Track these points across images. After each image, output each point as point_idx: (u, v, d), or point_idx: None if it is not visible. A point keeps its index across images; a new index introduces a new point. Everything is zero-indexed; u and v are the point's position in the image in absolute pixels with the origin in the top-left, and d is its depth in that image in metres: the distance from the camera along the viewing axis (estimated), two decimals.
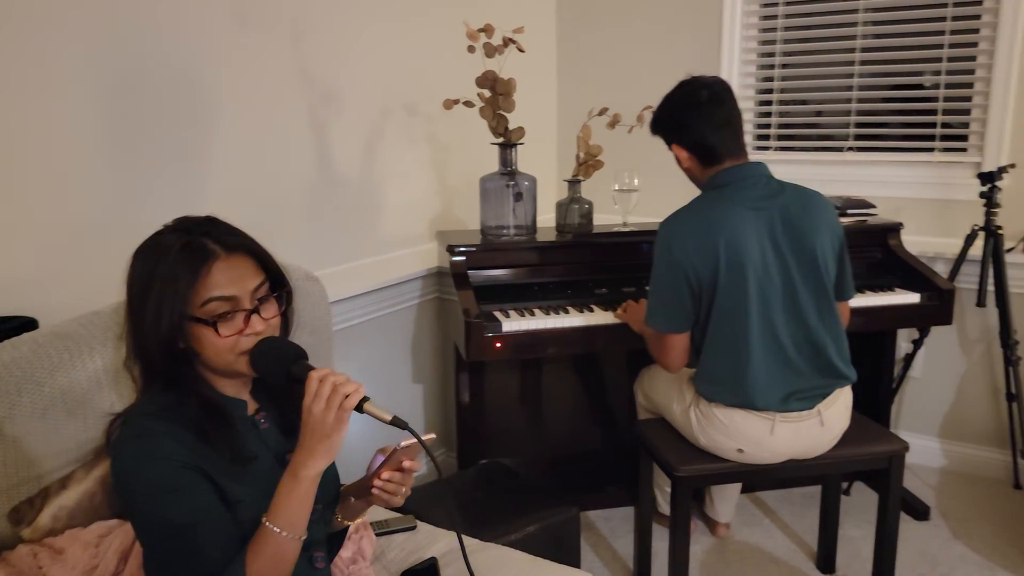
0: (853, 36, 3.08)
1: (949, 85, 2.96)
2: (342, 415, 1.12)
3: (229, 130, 2.12)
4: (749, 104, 3.32)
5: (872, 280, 2.62)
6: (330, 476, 1.33)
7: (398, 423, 1.15)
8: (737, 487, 2.60)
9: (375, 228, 2.69)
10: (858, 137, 3.16)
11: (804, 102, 3.32)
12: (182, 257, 1.14)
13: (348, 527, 1.45)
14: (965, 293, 2.82)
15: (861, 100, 3.13)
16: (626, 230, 2.64)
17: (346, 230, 2.57)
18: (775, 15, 3.20)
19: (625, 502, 2.81)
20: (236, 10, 2.10)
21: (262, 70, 2.21)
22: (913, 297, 2.53)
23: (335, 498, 1.38)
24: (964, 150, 2.96)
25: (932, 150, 3.01)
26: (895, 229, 2.72)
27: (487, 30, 2.40)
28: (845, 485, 2.86)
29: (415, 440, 1.19)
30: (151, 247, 1.17)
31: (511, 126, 2.50)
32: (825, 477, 2.37)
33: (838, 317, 2.01)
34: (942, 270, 2.80)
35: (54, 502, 1.38)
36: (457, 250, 2.44)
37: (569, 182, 2.65)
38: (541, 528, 2.02)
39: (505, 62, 2.43)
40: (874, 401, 2.77)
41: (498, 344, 2.28)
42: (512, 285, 2.50)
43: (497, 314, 2.36)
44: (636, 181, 2.64)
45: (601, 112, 2.60)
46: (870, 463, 2.11)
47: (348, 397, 1.12)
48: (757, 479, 2.75)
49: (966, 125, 2.96)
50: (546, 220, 2.76)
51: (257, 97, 2.20)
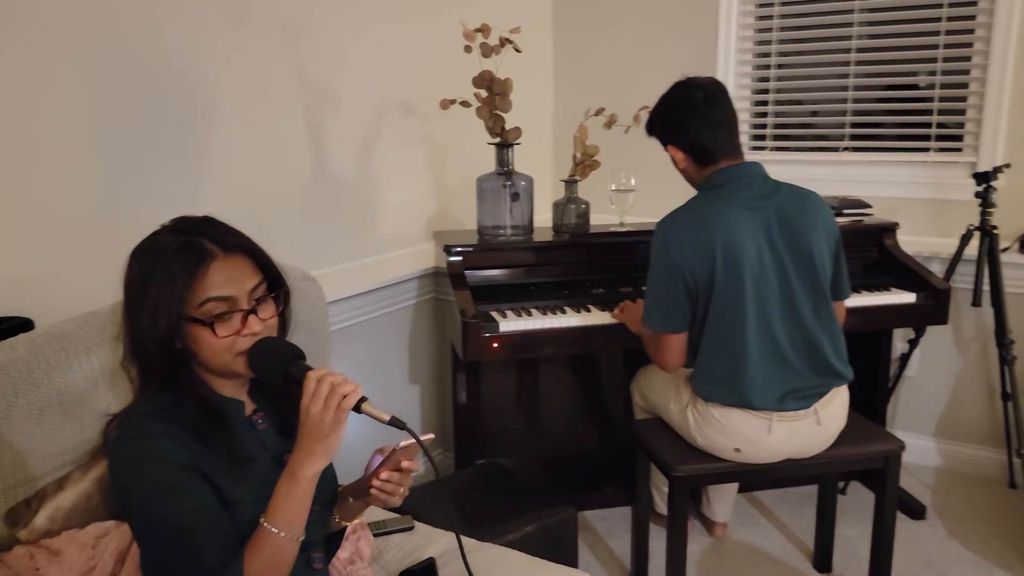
0: (849, 36, 3.09)
1: (944, 85, 2.97)
2: (340, 415, 1.12)
3: (226, 130, 2.12)
4: (745, 104, 3.32)
5: (868, 280, 2.62)
6: (328, 476, 1.33)
7: (396, 423, 1.14)
8: (734, 487, 2.60)
9: (372, 228, 2.69)
10: (854, 137, 3.17)
11: (800, 102, 3.33)
12: (179, 257, 1.14)
13: (346, 528, 1.45)
14: (961, 293, 2.83)
15: (857, 100, 3.14)
16: (623, 230, 2.64)
17: (343, 230, 2.57)
18: (771, 15, 3.21)
19: (622, 502, 2.81)
20: (233, 10, 2.10)
21: (259, 70, 2.20)
22: (909, 297, 2.54)
23: (333, 498, 1.38)
24: (959, 150, 2.97)
25: (928, 150, 3.02)
26: (891, 229, 2.73)
27: (484, 30, 2.40)
28: (841, 484, 2.86)
29: (413, 440, 1.18)
30: (149, 247, 1.17)
31: (508, 126, 2.50)
32: (822, 476, 2.38)
33: (835, 316, 2.01)
34: (938, 270, 2.81)
35: (51, 503, 1.38)
36: (454, 250, 2.44)
37: (566, 182, 2.65)
38: (539, 528, 2.02)
39: (502, 62, 2.43)
40: (870, 401, 2.78)
41: (495, 344, 2.27)
42: (509, 285, 2.50)
43: (494, 314, 2.36)
44: (633, 181, 2.64)
45: (598, 112, 2.60)
46: (867, 462, 2.11)
47: (346, 397, 1.12)
48: (754, 478, 2.75)
49: (961, 125, 2.97)
50: (542, 220, 2.76)
51: (254, 97, 2.20)
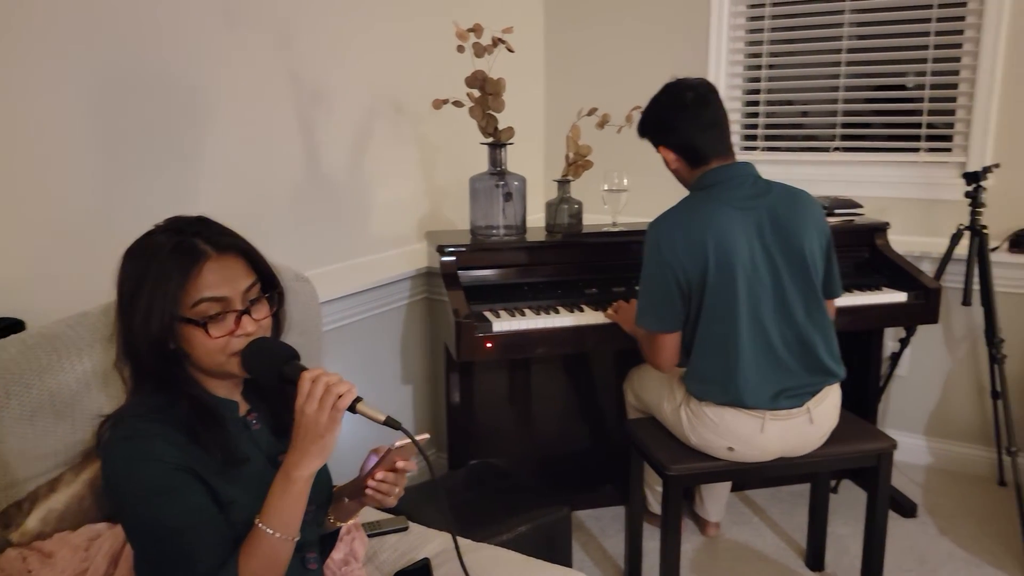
0: (839, 37, 3.10)
1: (934, 86, 2.98)
2: (335, 415, 1.12)
3: (219, 130, 2.11)
4: (736, 104, 3.33)
5: (859, 279, 2.64)
6: (323, 477, 1.32)
7: (391, 423, 1.14)
8: (727, 486, 2.61)
9: (364, 228, 2.68)
10: (845, 137, 3.18)
11: (791, 102, 3.34)
12: (173, 257, 1.14)
13: (340, 528, 1.45)
14: (951, 292, 2.84)
15: (847, 100, 3.16)
16: (615, 230, 2.64)
17: (335, 230, 2.56)
18: (762, 15, 3.22)
19: (615, 501, 2.82)
20: (227, 11, 2.09)
21: (253, 71, 2.19)
22: (900, 296, 2.55)
23: (328, 499, 1.37)
24: (949, 150, 2.99)
25: (918, 150, 3.04)
26: (882, 229, 2.75)
27: (476, 30, 2.40)
28: (833, 483, 2.87)
29: (409, 440, 1.18)
30: (142, 247, 1.16)
31: (500, 126, 2.50)
32: (814, 475, 2.39)
33: (827, 315, 2.02)
34: (928, 269, 2.82)
35: (43, 505, 1.37)
36: (447, 250, 2.44)
37: (559, 182, 2.65)
38: (533, 528, 2.02)
39: (494, 62, 2.43)
40: (861, 399, 2.79)
41: (489, 344, 2.27)
42: (502, 285, 2.50)
43: (487, 314, 2.36)
44: (625, 181, 2.64)
45: (590, 112, 2.60)
46: (859, 461, 2.12)
47: (341, 397, 1.11)
48: (747, 477, 2.76)
49: (951, 125, 2.99)
50: (535, 220, 2.76)
51: (248, 98, 2.19)
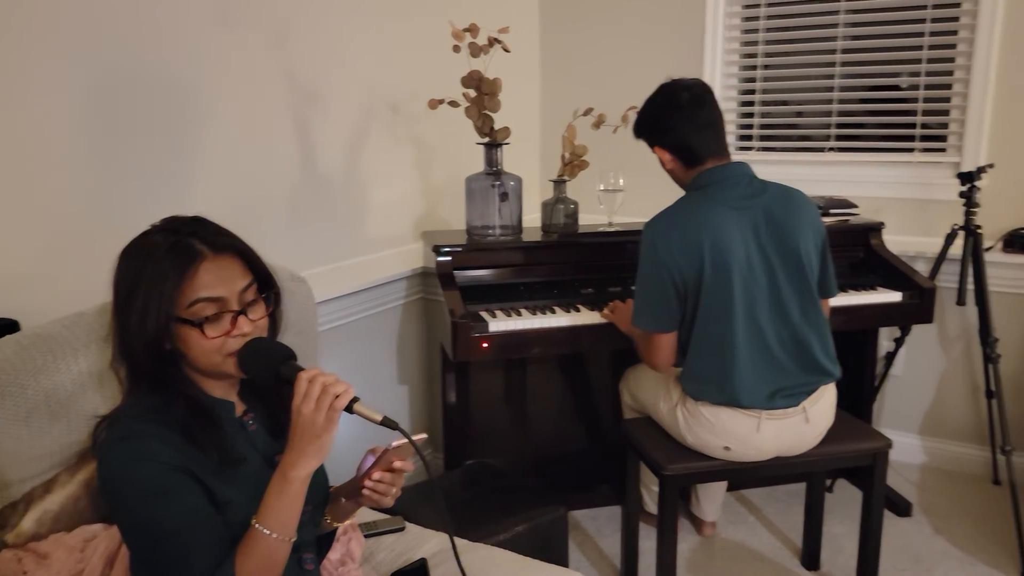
0: (834, 38, 3.11)
1: (929, 86, 2.99)
2: (332, 415, 1.11)
3: (215, 130, 2.11)
4: (732, 105, 3.34)
5: (854, 279, 2.64)
6: (319, 477, 1.32)
7: (388, 423, 1.14)
8: (723, 486, 2.61)
9: (360, 228, 2.68)
10: (840, 137, 3.19)
11: (786, 103, 3.35)
12: (169, 257, 1.13)
13: (337, 529, 1.44)
14: (945, 292, 2.85)
15: (842, 101, 3.16)
16: (611, 230, 2.64)
17: (332, 230, 2.56)
18: (757, 16, 3.23)
19: (611, 501, 2.82)
20: (221, 11, 2.08)
21: (247, 70, 2.19)
22: (895, 296, 2.56)
23: (324, 499, 1.37)
24: (943, 150, 3.00)
25: (912, 150, 3.05)
26: (877, 228, 2.75)
27: (472, 30, 2.39)
28: (828, 482, 2.88)
29: (406, 440, 1.18)
30: (138, 247, 1.16)
31: (496, 126, 2.50)
32: (810, 474, 2.39)
33: (823, 314, 2.03)
34: (923, 269, 2.83)
35: (38, 506, 1.36)
36: (443, 250, 2.44)
37: (554, 182, 2.65)
38: (529, 528, 2.02)
39: (490, 62, 2.43)
40: (856, 399, 2.80)
41: (485, 344, 2.27)
42: (498, 285, 2.50)
43: (483, 314, 2.35)
44: (621, 181, 2.64)
45: (586, 112, 2.60)
46: (854, 460, 2.13)
47: (338, 397, 1.11)
48: (743, 477, 2.76)
49: (945, 126, 3.00)
50: (530, 220, 2.76)
51: (243, 97, 2.18)
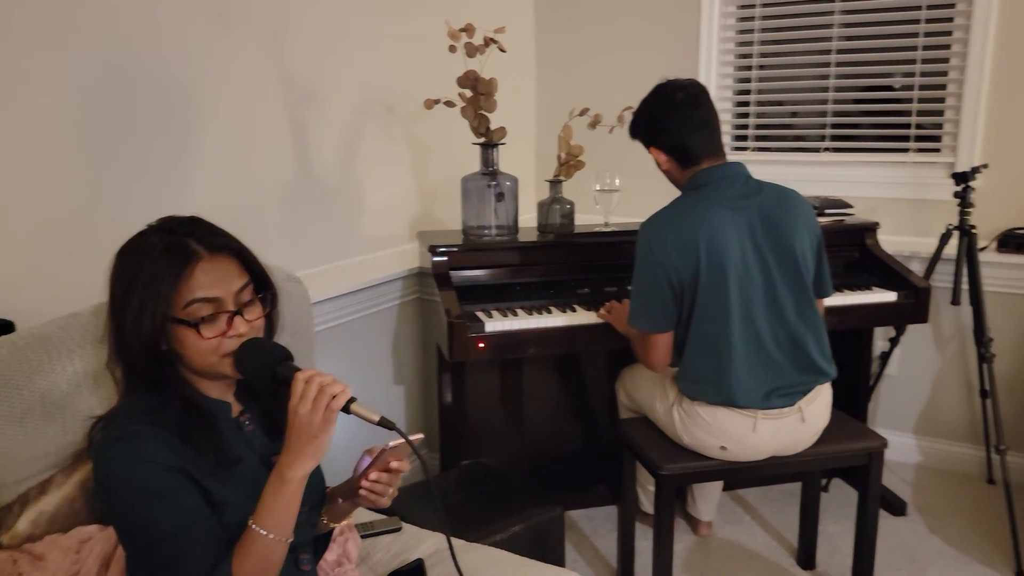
0: (829, 38, 3.12)
1: (923, 87, 3.00)
2: (329, 416, 1.11)
3: (210, 130, 2.10)
4: (727, 105, 3.34)
5: (849, 279, 2.65)
6: (316, 478, 1.32)
7: (386, 424, 1.14)
8: (719, 486, 2.61)
9: (356, 228, 2.68)
10: (834, 138, 3.20)
11: (781, 103, 3.36)
12: (165, 258, 1.13)
13: (333, 529, 1.44)
14: (940, 292, 2.86)
15: (837, 101, 3.17)
16: (607, 230, 2.65)
17: (327, 230, 2.55)
18: (752, 16, 3.23)
19: (607, 501, 2.82)
20: (219, 11, 2.08)
21: (243, 70, 2.18)
22: (890, 296, 2.56)
23: (321, 500, 1.37)
24: (938, 151, 3.01)
25: (907, 151, 3.06)
26: (872, 228, 2.76)
27: (468, 30, 2.39)
28: (824, 482, 2.89)
29: (403, 440, 1.18)
30: (134, 247, 1.15)
31: (492, 126, 2.50)
32: (805, 474, 2.40)
33: (819, 314, 2.03)
34: (917, 269, 2.84)
35: (33, 507, 1.36)
36: (439, 250, 2.43)
37: (551, 182, 2.65)
38: (525, 528, 2.02)
39: (486, 62, 2.42)
40: (851, 399, 2.80)
41: (481, 344, 2.27)
42: (494, 285, 2.50)
43: (480, 314, 2.35)
44: (617, 181, 2.64)
45: (582, 112, 2.60)
46: (850, 459, 2.13)
47: (335, 398, 1.11)
48: (740, 476, 2.77)
49: (940, 126, 3.01)
50: (527, 220, 2.76)
51: (239, 97, 2.18)
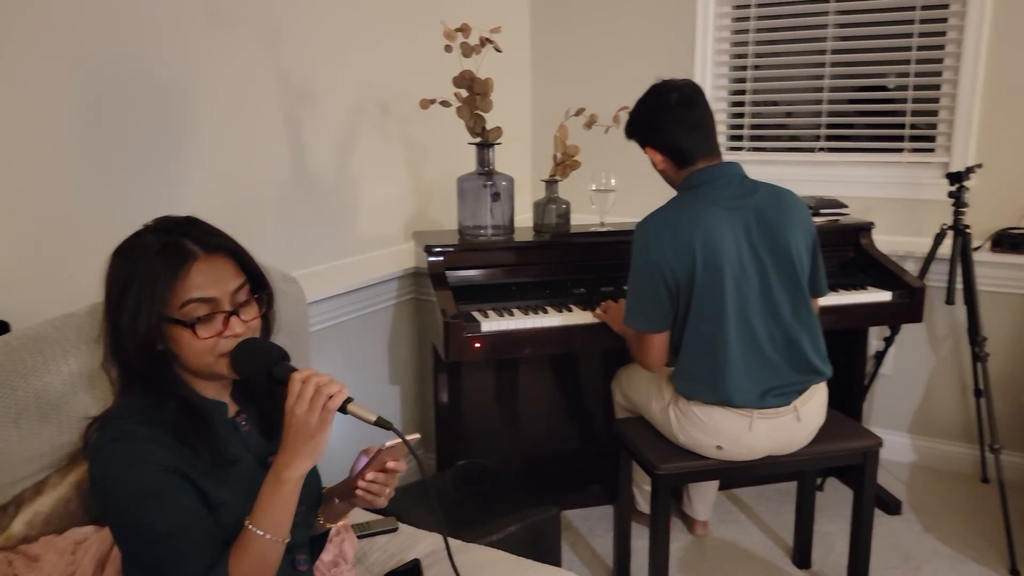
0: (824, 38, 3.12)
1: (917, 87, 3.01)
2: (326, 416, 1.11)
3: (206, 131, 2.09)
4: (722, 105, 3.35)
5: (844, 279, 2.65)
6: (312, 478, 1.32)
7: (383, 424, 1.14)
8: (714, 485, 2.61)
9: (352, 228, 2.67)
10: (829, 138, 3.21)
11: (776, 103, 3.36)
12: (161, 257, 1.13)
13: (330, 530, 1.44)
14: (934, 291, 2.86)
15: (832, 101, 3.18)
16: (603, 230, 2.65)
17: (323, 230, 2.55)
18: (747, 16, 3.24)
19: (603, 501, 2.82)
20: (211, 10, 2.07)
21: (239, 70, 2.18)
22: (885, 295, 2.57)
23: (317, 500, 1.37)
24: (932, 151, 3.02)
25: (901, 151, 3.07)
26: (867, 228, 2.77)
27: (464, 30, 2.39)
28: (819, 481, 2.89)
29: (399, 440, 1.18)
30: (130, 247, 1.15)
31: (488, 126, 2.50)
32: (801, 473, 2.40)
33: (814, 314, 2.04)
34: (912, 269, 2.84)
35: (28, 508, 1.35)
36: (435, 250, 2.43)
37: (546, 182, 2.65)
38: (522, 528, 2.02)
39: (481, 62, 2.42)
40: (846, 398, 2.81)
41: (477, 344, 2.27)
42: (490, 285, 2.50)
43: (476, 314, 2.35)
44: (613, 181, 2.65)
45: (578, 112, 2.60)
46: (845, 459, 2.14)
47: (332, 398, 1.11)
48: (735, 476, 2.77)
49: (934, 126, 3.02)
50: (522, 220, 2.76)
51: (234, 97, 2.17)
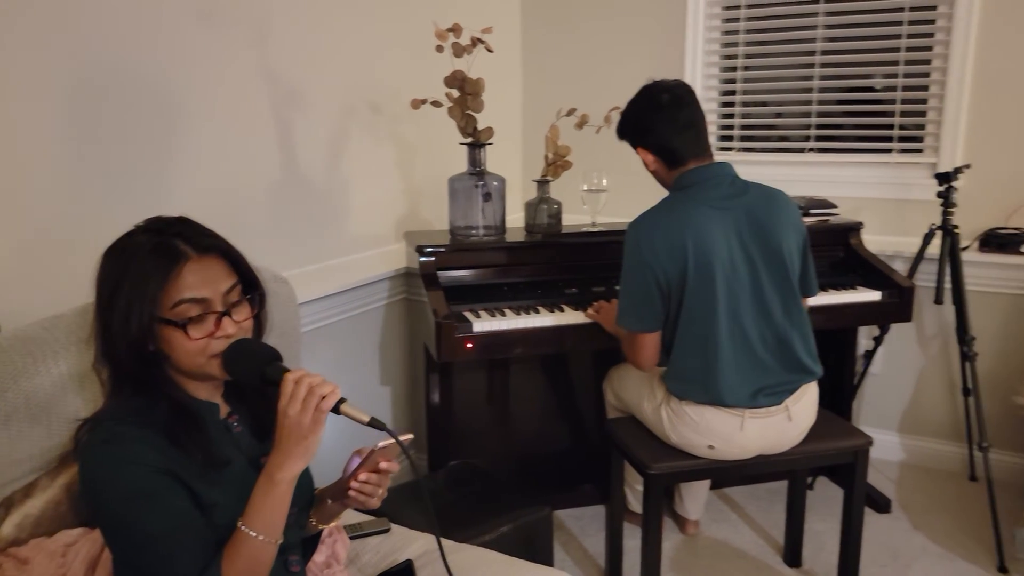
0: (813, 39, 3.14)
1: (906, 88, 3.03)
2: (319, 417, 1.11)
3: (196, 130, 2.08)
4: (712, 106, 3.36)
5: (834, 279, 2.67)
6: (304, 479, 1.31)
7: (376, 424, 1.14)
8: (706, 484, 2.62)
9: (342, 229, 2.67)
10: (819, 138, 3.22)
11: (766, 104, 3.38)
12: (152, 258, 1.12)
13: (322, 531, 1.44)
14: (923, 291, 2.88)
15: (821, 102, 3.20)
16: (595, 230, 2.65)
17: (313, 231, 2.54)
18: (737, 17, 3.25)
19: (595, 501, 2.82)
20: (201, 9, 2.06)
21: (228, 70, 2.17)
22: (874, 295, 2.58)
23: (310, 501, 1.36)
24: (921, 151, 3.04)
25: (890, 151, 3.09)
26: (856, 228, 2.78)
27: (456, 30, 2.39)
28: (809, 480, 2.90)
29: (392, 441, 1.18)
30: (121, 247, 1.14)
31: (479, 126, 2.50)
32: (792, 472, 2.41)
33: (805, 313, 2.04)
34: (901, 268, 2.86)
35: (18, 511, 1.35)
36: (426, 250, 2.43)
37: (538, 182, 2.65)
38: (514, 528, 2.01)
39: (473, 62, 2.42)
40: (836, 397, 2.82)
41: (469, 344, 2.27)
42: (482, 285, 2.50)
43: (467, 314, 2.35)
44: (604, 181, 2.65)
45: (569, 113, 2.60)
46: (836, 458, 2.15)
47: (325, 398, 1.11)
48: (727, 475, 2.78)
49: (922, 127, 3.04)
50: (514, 220, 2.76)
51: (223, 97, 2.16)
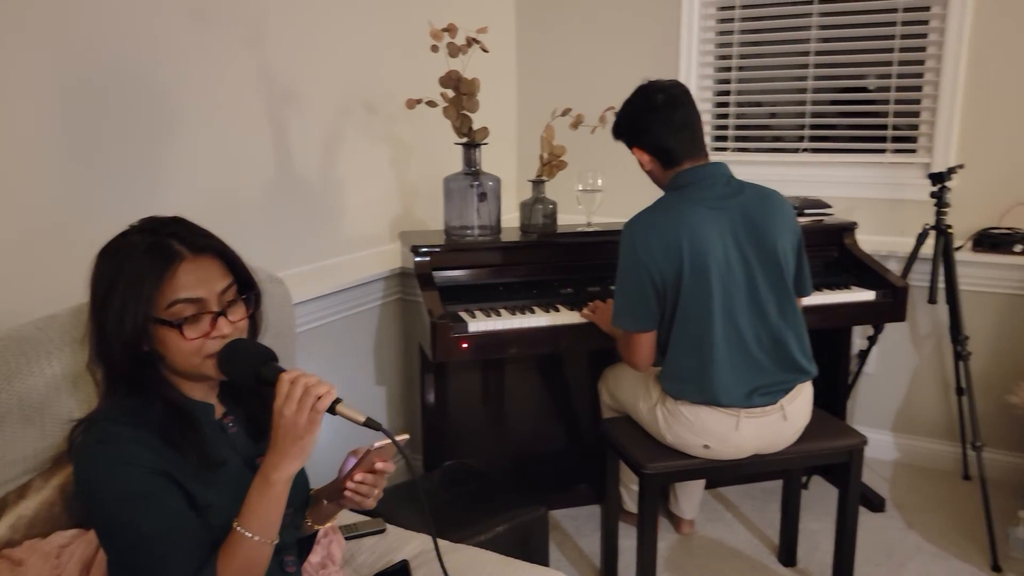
0: (807, 40, 3.15)
1: (899, 88, 3.04)
2: (315, 417, 1.11)
3: (191, 130, 2.08)
4: (707, 106, 3.36)
5: (828, 278, 2.67)
6: (300, 480, 1.31)
7: (372, 424, 1.13)
8: (701, 484, 2.63)
9: (337, 229, 2.66)
10: (813, 138, 3.23)
11: (760, 104, 3.38)
12: (147, 258, 1.12)
13: (317, 531, 1.43)
14: (917, 291, 2.89)
15: (815, 102, 3.20)
16: (590, 230, 2.65)
17: (308, 231, 2.54)
18: (732, 18, 3.26)
19: (590, 501, 2.83)
20: (195, 9, 2.06)
21: (222, 70, 2.16)
22: (868, 295, 2.59)
23: (305, 502, 1.36)
24: (915, 151, 3.05)
25: (884, 151, 3.10)
26: (850, 228, 2.79)
27: (451, 30, 2.39)
28: (804, 479, 2.91)
29: (388, 441, 1.17)
30: (116, 247, 1.14)
31: (475, 126, 2.50)
32: (786, 471, 2.42)
33: (799, 313, 2.05)
34: (895, 268, 2.86)
35: (12, 512, 1.34)
36: (421, 250, 2.43)
37: (533, 182, 2.65)
38: (509, 528, 2.01)
39: (468, 62, 2.42)
40: (831, 397, 2.83)
41: (464, 345, 2.27)
42: (477, 285, 2.50)
43: (463, 314, 2.35)
44: (600, 181, 2.65)
45: (564, 113, 2.61)
46: (830, 457, 2.15)
47: (320, 399, 1.11)
48: (722, 475, 2.77)
49: (916, 127, 3.05)
50: (509, 220, 2.76)
51: (218, 97, 2.16)
